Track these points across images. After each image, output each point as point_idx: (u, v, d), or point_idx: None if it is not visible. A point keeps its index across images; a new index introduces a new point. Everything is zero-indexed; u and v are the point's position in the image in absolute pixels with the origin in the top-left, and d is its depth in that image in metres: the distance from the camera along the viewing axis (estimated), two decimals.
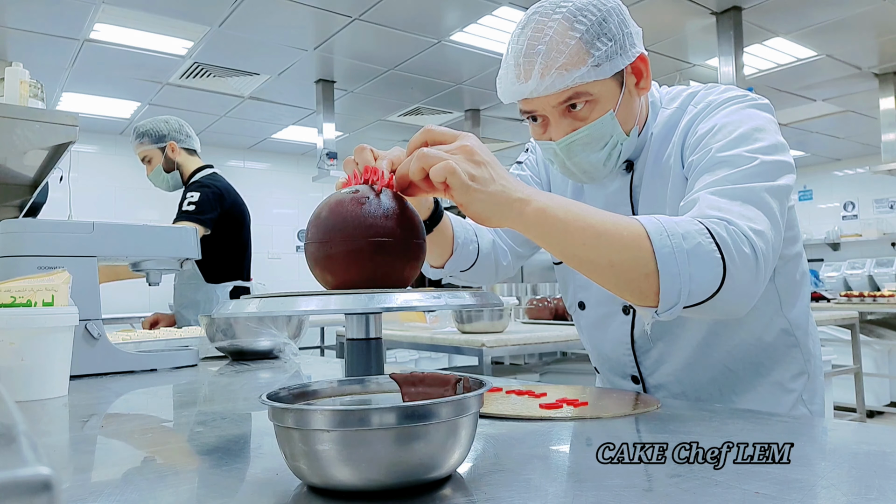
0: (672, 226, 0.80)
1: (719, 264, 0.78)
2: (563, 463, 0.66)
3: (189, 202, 2.64)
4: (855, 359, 4.18)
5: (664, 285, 0.78)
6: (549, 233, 0.79)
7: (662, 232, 0.79)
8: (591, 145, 1.00)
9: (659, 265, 0.78)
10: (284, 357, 1.63)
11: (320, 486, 0.53)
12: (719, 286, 0.79)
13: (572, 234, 0.79)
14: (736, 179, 0.87)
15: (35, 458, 0.25)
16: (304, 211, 7.63)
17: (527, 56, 0.95)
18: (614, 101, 0.99)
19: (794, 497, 0.50)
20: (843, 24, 4.45)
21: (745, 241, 0.80)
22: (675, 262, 0.78)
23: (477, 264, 1.20)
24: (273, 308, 0.68)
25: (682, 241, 0.78)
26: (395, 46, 4.64)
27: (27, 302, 1.05)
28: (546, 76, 0.94)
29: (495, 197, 0.76)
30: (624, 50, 0.97)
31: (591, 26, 0.94)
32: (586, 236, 0.79)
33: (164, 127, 2.78)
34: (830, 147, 7.91)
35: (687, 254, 0.78)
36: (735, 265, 0.79)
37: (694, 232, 0.79)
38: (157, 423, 0.97)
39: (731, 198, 0.85)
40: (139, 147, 2.78)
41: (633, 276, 0.80)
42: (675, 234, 0.79)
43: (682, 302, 0.79)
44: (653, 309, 0.81)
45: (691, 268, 0.78)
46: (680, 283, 0.78)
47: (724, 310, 0.83)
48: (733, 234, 0.80)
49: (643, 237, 0.79)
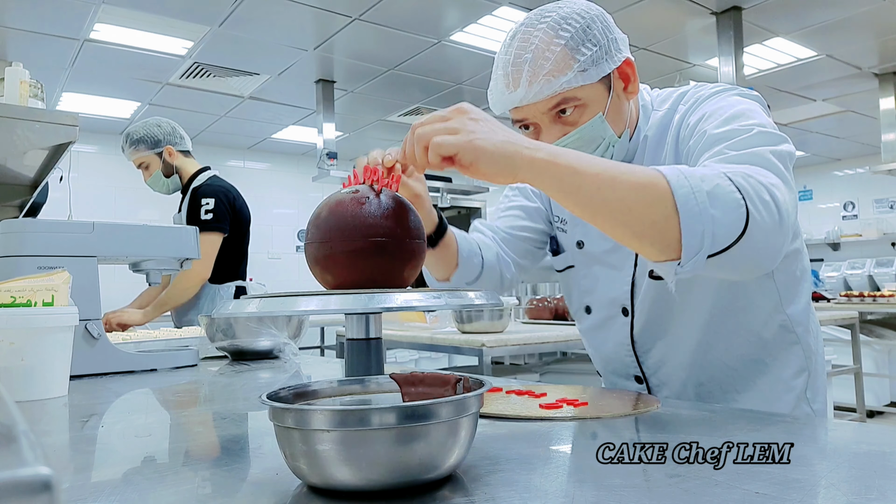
0: (688, 170, 0.76)
1: (741, 205, 0.74)
2: (563, 463, 0.66)
3: (206, 210, 2.63)
4: (855, 359, 4.18)
5: (686, 227, 0.74)
6: (561, 179, 0.75)
7: (679, 174, 0.75)
8: (583, 149, 1.01)
9: (679, 205, 0.74)
10: (284, 357, 1.63)
11: (320, 486, 0.53)
12: (743, 230, 0.74)
13: (586, 178, 0.75)
14: (737, 147, 0.85)
15: (35, 458, 0.25)
16: (304, 211, 7.63)
17: (514, 65, 0.97)
18: (603, 104, 1.00)
19: (794, 497, 0.50)
20: (843, 24, 4.45)
21: (764, 190, 0.76)
22: (696, 202, 0.73)
23: (482, 277, 1.20)
24: (273, 308, 0.68)
25: (701, 183, 0.74)
26: (395, 46, 4.64)
27: (27, 302, 1.05)
28: (534, 83, 0.95)
29: (502, 148, 0.73)
30: (609, 55, 0.99)
31: (576, 33, 0.96)
32: (601, 180, 0.75)
33: (158, 132, 2.74)
34: (830, 147, 7.91)
35: (707, 194, 0.74)
36: (757, 209, 0.75)
37: (712, 175, 0.76)
38: (157, 423, 0.97)
39: (738, 163, 0.81)
40: (135, 154, 2.74)
41: (653, 219, 0.75)
42: (693, 176, 0.75)
43: (707, 248, 0.74)
44: (675, 263, 0.77)
45: (713, 209, 0.73)
46: (702, 224, 0.73)
47: (750, 261, 0.78)
48: (753, 183, 0.76)
49: (660, 178, 0.75)
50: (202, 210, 2.64)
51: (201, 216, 2.63)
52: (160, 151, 2.73)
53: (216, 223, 2.64)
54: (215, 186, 2.72)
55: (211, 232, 2.61)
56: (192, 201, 2.71)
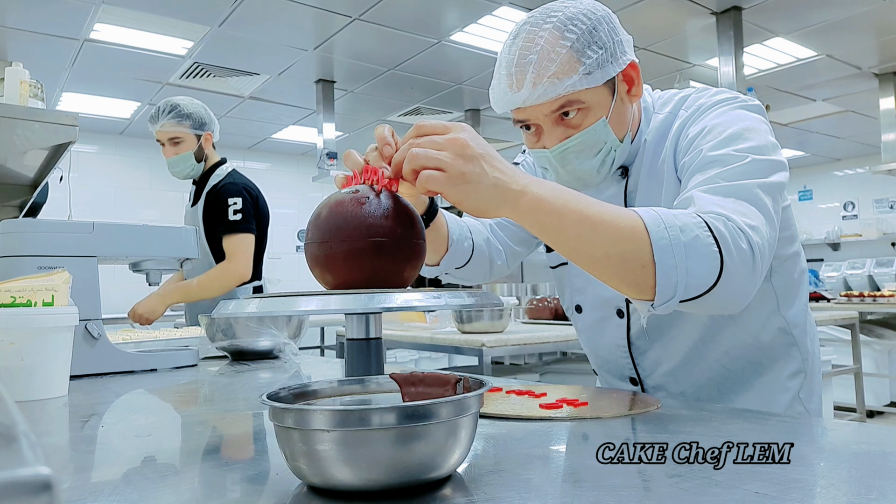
0: (670, 218, 0.79)
1: (716, 258, 0.77)
2: (563, 463, 0.66)
3: (234, 210, 2.57)
4: (855, 359, 4.18)
5: (661, 278, 0.77)
6: (544, 223, 0.79)
7: (660, 224, 0.78)
8: (585, 152, 1.01)
9: (656, 257, 0.77)
10: (284, 357, 1.63)
11: (320, 486, 0.53)
12: (716, 281, 0.78)
13: (568, 225, 0.78)
14: (728, 177, 0.87)
15: (35, 458, 0.25)
16: (304, 211, 7.62)
17: (518, 66, 0.95)
18: (606, 108, 0.99)
19: (794, 497, 0.50)
20: (843, 24, 4.45)
21: (742, 237, 0.79)
22: (673, 255, 0.77)
23: (471, 262, 1.20)
24: (273, 308, 0.68)
25: (680, 234, 0.77)
26: (395, 46, 4.64)
27: (27, 302, 1.05)
28: (538, 85, 0.94)
29: (487, 193, 0.75)
30: (615, 58, 0.98)
31: (582, 35, 0.95)
32: (582, 228, 0.78)
33: (206, 114, 2.63)
34: (830, 147, 7.91)
35: (684, 246, 0.77)
36: (732, 260, 0.78)
37: (692, 225, 0.78)
38: (157, 423, 0.97)
39: (725, 195, 0.85)
40: (175, 127, 2.56)
41: (630, 268, 0.78)
42: (673, 227, 0.78)
43: (679, 296, 0.78)
44: (649, 302, 0.81)
45: (688, 261, 0.77)
46: (676, 276, 0.77)
47: (720, 305, 0.82)
48: (731, 230, 0.79)
49: (640, 229, 0.78)
50: (230, 210, 2.57)
51: (229, 216, 2.56)
52: (200, 134, 2.62)
53: (246, 223, 2.57)
54: (240, 185, 2.65)
55: (244, 233, 2.57)
56: (214, 199, 2.63)
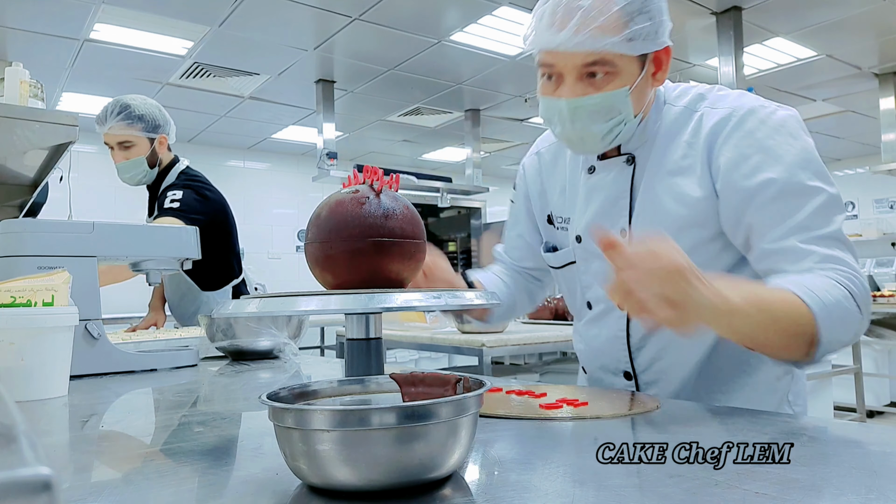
0: (830, 300, 0.86)
1: (863, 327, 0.91)
2: (563, 463, 0.66)
3: (171, 199, 2.32)
4: (855, 359, 4.18)
5: (818, 356, 0.89)
6: (726, 325, 0.84)
7: (827, 316, 0.85)
8: (599, 114, 1.01)
9: (820, 345, 0.87)
10: (284, 357, 1.63)
11: (320, 486, 0.53)
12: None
13: (744, 323, 0.84)
14: (820, 224, 0.94)
15: (35, 458, 0.25)
16: (304, 211, 7.62)
17: (567, 7, 0.96)
18: (632, 80, 1.00)
19: (794, 497, 0.50)
20: (843, 24, 4.44)
21: (867, 294, 0.91)
22: (835, 341, 0.88)
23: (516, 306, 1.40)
24: (273, 308, 0.68)
25: (841, 325, 0.88)
26: (395, 46, 4.64)
27: (27, 302, 1.05)
28: (581, 32, 0.95)
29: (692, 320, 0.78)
30: (657, 35, 0.99)
31: (635, 1, 0.96)
32: (756, 324, 0.85)
33: (160, 116, 2.43)
34: (830, 147, 7.91)
35: (842, 323, 0.88)
36: (866, 321, 0.91)
37: (842, 299, 0.87)
38: (157, 422, 0.97)
39: (829, 246, 0.93)
40: (125, 129, 2.37)
41: (794, 354, 0.90)
42: (833, 316, 0.86)
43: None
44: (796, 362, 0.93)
45: (845, 337, 0.90)
46: (832, 350, 0.89)
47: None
48: (861, 290, 0.90)
49: (811, 324, 0.85)
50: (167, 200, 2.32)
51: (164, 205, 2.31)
52: (153, 138, 2.42)
53: (181, 212, 2.29)
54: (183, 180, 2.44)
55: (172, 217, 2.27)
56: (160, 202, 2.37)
